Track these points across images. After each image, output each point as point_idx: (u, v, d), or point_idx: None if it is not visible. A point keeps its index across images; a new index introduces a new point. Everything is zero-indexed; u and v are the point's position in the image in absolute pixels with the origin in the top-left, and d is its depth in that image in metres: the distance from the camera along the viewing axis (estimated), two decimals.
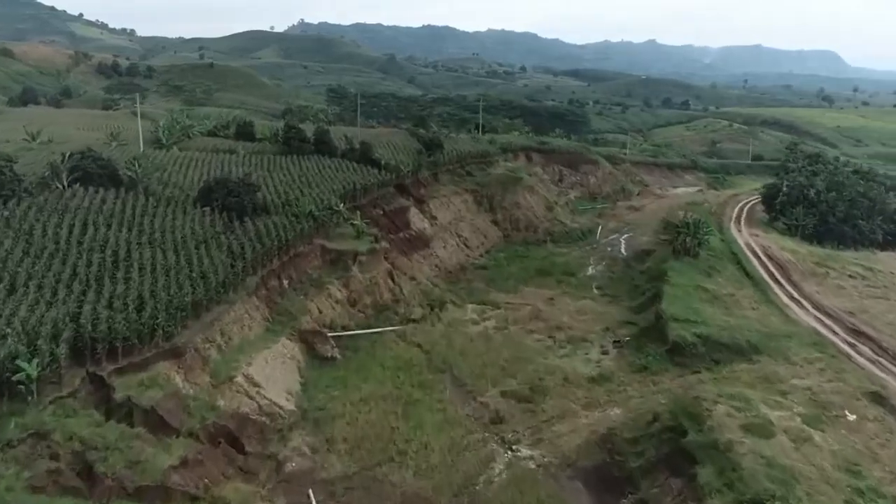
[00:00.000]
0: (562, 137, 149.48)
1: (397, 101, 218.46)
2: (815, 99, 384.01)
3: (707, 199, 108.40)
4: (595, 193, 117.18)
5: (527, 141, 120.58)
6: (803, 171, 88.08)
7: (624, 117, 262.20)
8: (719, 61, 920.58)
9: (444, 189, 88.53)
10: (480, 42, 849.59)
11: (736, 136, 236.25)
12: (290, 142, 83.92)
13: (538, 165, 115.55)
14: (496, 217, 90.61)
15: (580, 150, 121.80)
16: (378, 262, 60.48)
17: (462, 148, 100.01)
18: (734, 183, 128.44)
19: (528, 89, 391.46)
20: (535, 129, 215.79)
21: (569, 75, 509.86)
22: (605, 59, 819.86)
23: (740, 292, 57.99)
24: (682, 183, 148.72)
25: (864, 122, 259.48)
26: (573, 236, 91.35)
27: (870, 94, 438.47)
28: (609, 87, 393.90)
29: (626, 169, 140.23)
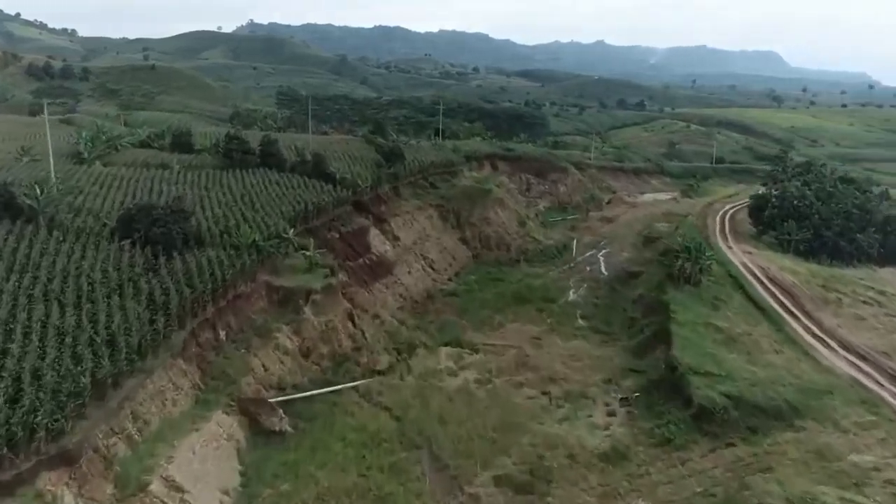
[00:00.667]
0: (526, 143, 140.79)
1: (351, 103, 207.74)
2: (764, 99, 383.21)
3: (686, 210, 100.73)
4: (565, 203, 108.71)
5: (491, 147, 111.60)
6: (793, 181, 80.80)
7: (581, 119, 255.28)
8: (665, 61, 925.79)
9: (407, 205, 78.89)
10: (432, 43, 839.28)
11: (693, 137, 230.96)
12: (232, 154, 73.35)
13: (504, 174, 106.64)
14: (464, 234, 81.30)
15: (548, 156, 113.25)
16: (335, 301, 50.51)
17: (424, 157, 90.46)
18: (707, 190, 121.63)
19: (482, 90, 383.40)
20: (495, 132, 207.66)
21: (521, 76, 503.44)
22: (555, 59, 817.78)
23: (756, 329, 49.64)
24: (650, 189, 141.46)
25: (817, 122, 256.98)
26: (548, 254, 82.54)
27: (812, 94, 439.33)
28: (562, 88, 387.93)
29: (592, 175, 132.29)
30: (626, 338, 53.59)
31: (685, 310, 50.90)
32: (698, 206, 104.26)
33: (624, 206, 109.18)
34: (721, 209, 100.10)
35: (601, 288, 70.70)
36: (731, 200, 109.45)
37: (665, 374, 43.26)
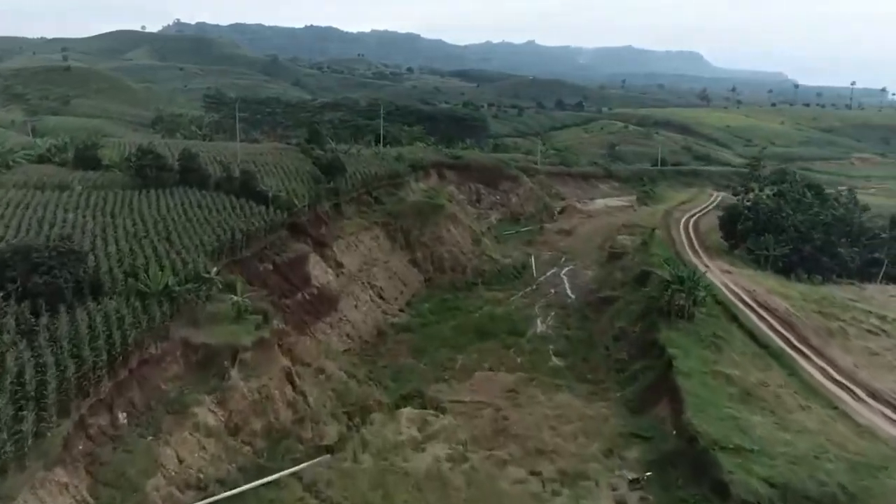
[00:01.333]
0: (471, 148, 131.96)
1: (283, 106, 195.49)
2: (693, 98, 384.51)
3: (645, 219, 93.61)
4: (517, 214, 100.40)
5: (437, 155, 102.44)
6: (765, 191, 74.02)
7: (521, 120, 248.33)
8: (594, 61, 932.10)
9: (350, 224, 69.16)
10: (364, 43, 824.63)
11: (632, 137, 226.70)
12: (146, 171, 62.30)
13: (452, 184, 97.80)
14: (415, 256, 72.03)
15: (498, 164, 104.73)
16: (270, 358, 40.50)
17: (366, 168, 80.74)
18: (661, 195, 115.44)
19: (417, 91, 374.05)
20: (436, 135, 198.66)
21: (455, 76, 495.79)
22: (486, 59, 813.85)
23: (769, 376, 41.89)
24: (599, 194, 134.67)
25: (750, 122, 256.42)
26: (506, 275, 73.99)
27: (739, 93, 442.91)
28: (498, 88, 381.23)
29: (541, 181, 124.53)
30: (617, 386, 45.20)
31: (686, 354, 42.81)
32: (657, 214, 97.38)
33: (579, 215, 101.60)
34: (682, 218, 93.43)
35: (571, 316, 62.48)
36: (688, 207, 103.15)
37: (680, 445, 34.93)
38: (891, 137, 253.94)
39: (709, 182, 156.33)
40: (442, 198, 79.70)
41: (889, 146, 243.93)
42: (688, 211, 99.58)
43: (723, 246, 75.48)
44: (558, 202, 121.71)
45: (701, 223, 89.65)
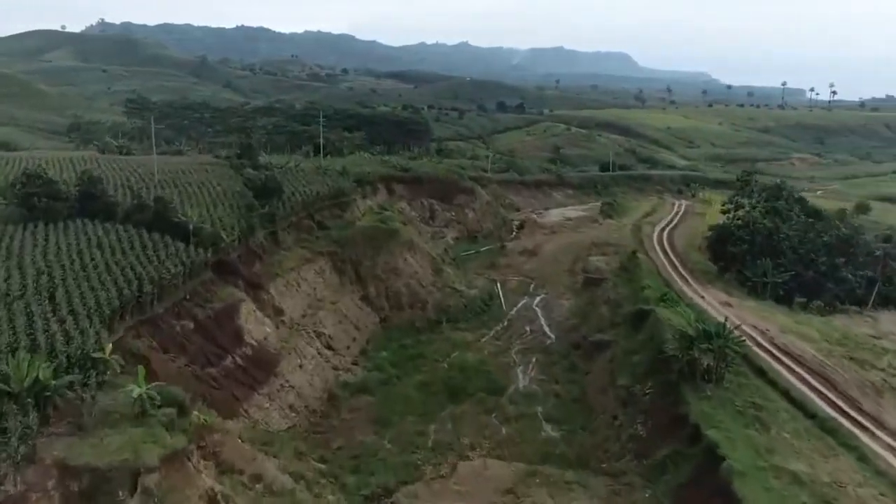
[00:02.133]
0: (421, 157, 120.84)
1: (213, 112, 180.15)
2: (629, 99, 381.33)
3: (614, 234, 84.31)
4: (475, 231, 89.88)
5: (385, 168, 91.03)
6: (758, 208, 65.24)
7: (462, 123, 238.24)
8: (527, 62, 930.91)
9: (291, 257, 57.53)
10: (297, 44, 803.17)
11: (576, 139, 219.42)
12: (33, 201, 49.49)
13: (403, 200, 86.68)
14: (368, 291, 60.78)
15: (452, 177, 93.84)
16: (185, 480, 28.80)
17: (307, 187, 69.12)
18: (623, 206, 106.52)
19: (354, 93, 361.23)
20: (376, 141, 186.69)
21: (392, 77, 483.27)
22: (421, 60, 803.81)
23: (838, 467, 32.39)
24: (553, 203, 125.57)
25: (690, 123, 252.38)
26: (473, 308, 63.41)
27: (670, 92, 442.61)
28: (436, 90, 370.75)
29: (493, 191, 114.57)
30: (641, 479, 34.94)
31: (730, 439, 32.96)
32: (624, 229, 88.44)
33: (540, 231, 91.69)
34: (653, 234, 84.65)
35: (556, 364, 52.40)
36: (654, 220, 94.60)
37: None
38: (824, 137, 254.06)
39: (660, 187, 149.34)
40: (396, 220, 68.50)
41: (824, 146, 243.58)
42: (655, 224, 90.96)
43: (710, 269, 66.59)
44: (514, 214, 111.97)
45: (675, 240, 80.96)
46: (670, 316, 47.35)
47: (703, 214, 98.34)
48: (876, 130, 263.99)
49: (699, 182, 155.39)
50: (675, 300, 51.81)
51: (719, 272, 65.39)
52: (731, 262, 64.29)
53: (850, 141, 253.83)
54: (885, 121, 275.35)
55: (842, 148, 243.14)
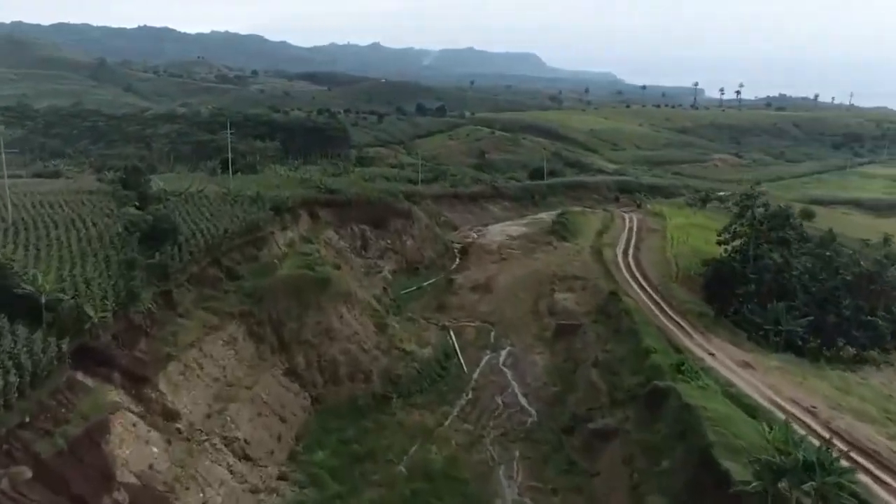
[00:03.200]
0: (346, 173, 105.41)
1: (107, 119, 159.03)
2: (545, 100, 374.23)
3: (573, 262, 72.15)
4: (415, 262, 76.11)
5: (306, 189, 75.92)
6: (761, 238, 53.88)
7: (381, 127, 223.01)
8: (438, 63, 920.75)
9: (190, 326, 42.37)
10: (204, 44, 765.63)
11: (500, 143, 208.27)
12: None
13: (331, 227, 72.05)
14: (294, 363, 46.17)
15: (385, 198, 79.38)
16: None
17: (212, 222, 53.99)
18: (577, 225, 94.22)
19: (265, 96, 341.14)
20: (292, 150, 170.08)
21: (304, 79, 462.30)
22: (333, 61, 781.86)
23: None
24: (491, 217, 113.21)
25: (611, 125, 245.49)
26: (428, 374, 49.74)
27: (573, 92, 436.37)
28: (350, 92, 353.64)
29: (427, 208, 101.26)
30: None
31: None
32: (583, 253, 76.66)
33: (488, 258, 78.61)
34: (617, 258, 73.28)
35: (548, 461, 39.48)
36: (611, 240, 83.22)
37: None
38: (739, 137, 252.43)
39: (597, 195, 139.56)
40: (327, 264, 53.88)
41: (740, 146, 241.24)
42: (615, 245, 79.72)
43: (703, 311, 55.18)
44: (451, 234, 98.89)
45: (646, 268, 69.68)
46: (701, 401, 35.31)
47: (659, 231, 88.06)
48: (786, 130, 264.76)
49: (633, 188, 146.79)
50: (696, 372, 39.79)
51: (715, 314, 54.04)
52: (728, 302, 53.18)
53: (763, 140, 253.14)
54: (792, 120, 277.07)
55: (756, 147, 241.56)
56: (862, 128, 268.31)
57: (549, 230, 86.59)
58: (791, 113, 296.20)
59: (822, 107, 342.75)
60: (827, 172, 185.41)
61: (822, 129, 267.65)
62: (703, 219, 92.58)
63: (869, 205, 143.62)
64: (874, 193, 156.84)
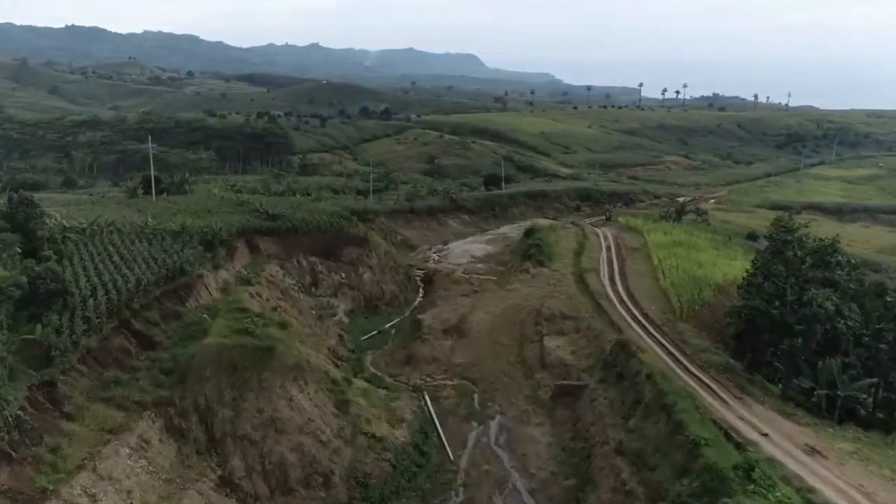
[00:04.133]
0: (292, 195, 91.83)
1: (20, 126, 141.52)
2: (489, 101, 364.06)
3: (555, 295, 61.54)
4: (374, 298, 64.36)
5: (244, 214, 63.25)
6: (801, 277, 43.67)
7: (325, 132, 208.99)
8: (379, 63, 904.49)
9: (79, 435, 30.06)
10: (137, 45, 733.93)
11: (450, 148, 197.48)
12: None
13: (274, 261, 59.71)
14: (229, 468, 34.07)
15: (338, 223, 66.90)
16: None
17: (122, 271, 41.48)
18: (550, 245, 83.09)
19: (201, 98, 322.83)
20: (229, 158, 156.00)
21: (242, 80, 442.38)
22: (271, 62, 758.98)
23: None
24: (450, 232, 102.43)
25: (561, 127, 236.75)
26: (405, 469, 38.10)
27: (515, 93, 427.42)
28: (291, 94, 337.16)
29: (382, 226, 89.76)
30: None
31: None
32: (565, 281, 66.35)
33: (457, 290, 67.22)
34: (606, 290, 63.14)
35: None
36: (594, 263, 73.21)
37: None
38: (687, 138, 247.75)
39: (559, 204, 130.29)
40: (272, 325, 41.67)
41: (688, 147, 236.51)
42: (598, 270, 69.79)
43: (729, 364, 45.18)
44: (409, 255, 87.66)
45: (640, 300, 59.77)
46: None
47: (641, 251, 78.58)
48: (730, 130, 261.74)
49: (594, 196, 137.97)
50: (770, 480, 29.56)
51: (746, 371, 44.15)
52: (762, 356, 43.45)
53: (709, 141, 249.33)
54: (736, 121, 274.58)
55: (703, 148, 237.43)
56: (803, 128, 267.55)
57: (523, 253, 75.99)
58: (734, 113, 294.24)
59: (760, 107, 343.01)
60: (780, 175, 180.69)
61: (764, 129, 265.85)
62: (685, 235, 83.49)
63: (831, 209, 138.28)
64: (832, 196, 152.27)
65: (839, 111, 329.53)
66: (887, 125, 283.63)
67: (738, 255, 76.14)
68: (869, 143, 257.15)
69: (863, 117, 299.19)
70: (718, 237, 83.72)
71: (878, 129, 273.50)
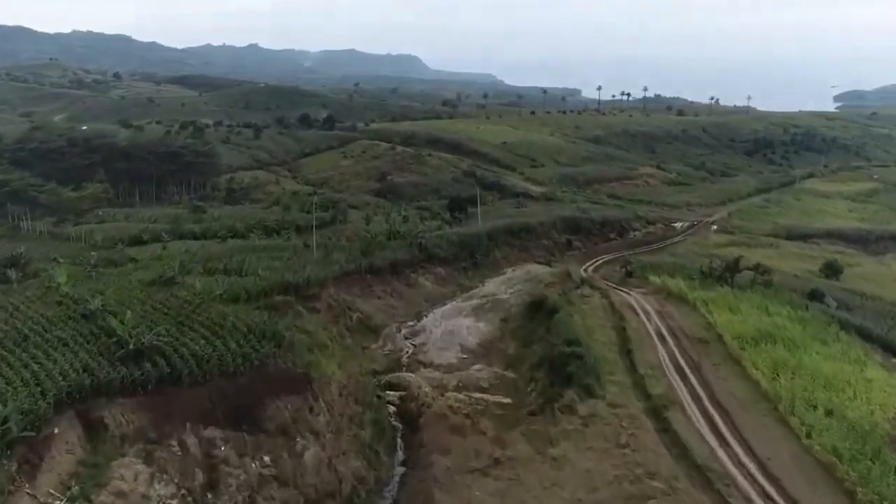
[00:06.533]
0: (211, 237, 60.57)
1: None
2: (436, 104, 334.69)
3: None
4: (324, 496, 35.60)
5: (83, 353, 33.89)
6: None
7: (259, 144, 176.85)
8: (319, 65, 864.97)
9: None
10: (65, 45, 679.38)
11: (403, 162, 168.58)
12: None
13: (135, 446, 30.42)
14: None
15: (255, 355, 37.55)
16: None
17: None
18: (584, 341, 55.69)
19: (126, 103, 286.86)
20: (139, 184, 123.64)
21: (174, 82, 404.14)
22: (207, 63, 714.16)
23: None
24: (421, 297, 74.15)
25: (522, 135, 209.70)
26: None
27: (461, 94, 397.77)
28: (225, 97, 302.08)
29: (332, 300, 60.88)
30: None
31: None
32: (641, 438, 39.02)
33: (459, 448, 39.36)
34: (730, 468, 36.22)
35: None
36: (662, 386, 46.28)
37: None
38: (653, 145, 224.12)
39: (547, 241, 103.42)
40: None
41: (656, 155, 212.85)
42: (681, 406, 42.76)
43: None
44: (372, 346, 59.09)
45: (788, 486, 32.92)
46: None
47: (713, 346, 52.09)
48: (697, 136, 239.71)
49: (584, 226, 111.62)
50: None
51: None
52: None
53: (677, 149, 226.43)
54: (701, 125, 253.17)
55: (672, 156, 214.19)
56: (769, 133, 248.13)
57: (553, 367, 48.00)
58: (697, 118, 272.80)
59: (717, 110, 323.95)
60: (773, 191, 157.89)
61: (731, 135, 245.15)
62: (764, 315, 57.14)
63: (853, 237, 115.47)
64: (842, 218, 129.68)
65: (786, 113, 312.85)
66: (850, 129, 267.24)
67: (860, 354, 50.31)
68: (836, 148, 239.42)
69: (823, 121, 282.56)
70: (808, 316, 57.62)
71: (843, 134, 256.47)
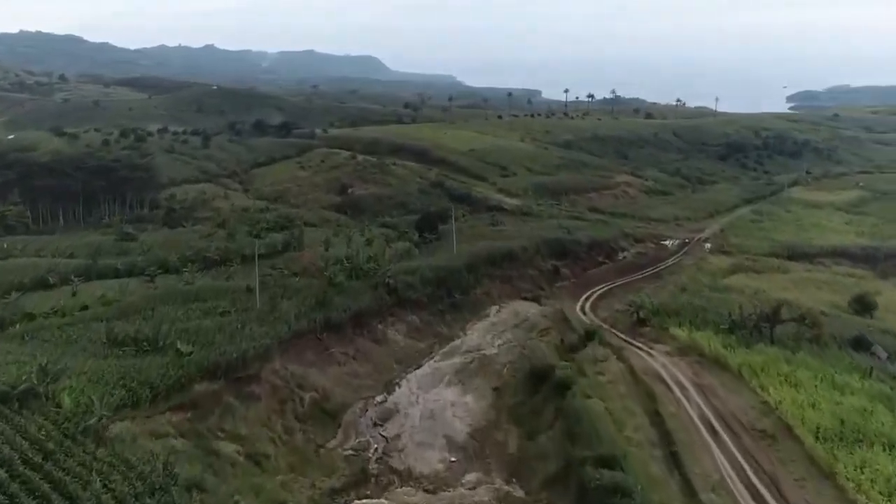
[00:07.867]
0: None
1: None
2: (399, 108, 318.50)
3: None
4: None
5: None
6: None
7: (208, 154, 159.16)
8: (277, 66, 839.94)
9: None
10: (9, 46, 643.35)
11: (365, 172, 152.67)
12: None
13: None
14: None
15: None
16: None
17: None
18: (612, 443, 42.39)
19: (69, 106, 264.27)
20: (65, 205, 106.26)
21: (125, 84, 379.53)
22: (162, 64, 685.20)
23: None
24: (391, 357, 59.37)
25: (491, 141, 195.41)
26: None
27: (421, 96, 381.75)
28: (175, 100, 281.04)
29: (278, 378, 45.79)
30: None
31: None
32: None
33: None
34: None
35: None
36: None
37: None
38: (625, 150, 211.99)
39: (534, 271, 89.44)
40: None
41: (628, 161, 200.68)
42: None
43: None
44: (327, 445, 44.19)
45: None
46: None
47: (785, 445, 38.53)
48: (668, 140, 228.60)
49: (569, 248, 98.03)
50: None
51: None
52: None
53: (649, 153, 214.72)
54: (671, 129, 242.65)
55: (645, 162, 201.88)
56: (741, 136, 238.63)
57: (576, 500, 33.77)
58: (667, 121, 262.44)
59: (683, 112, 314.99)
60: (760, 201, 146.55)
61: (703, 138, 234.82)
62: (830, 388, 43.94)
63: (858, 255, 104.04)
64: (838, 232, 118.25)
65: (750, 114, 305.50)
66: (820, 131, 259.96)
67: None
68: (808, 151, 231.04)
69: (789, 123, 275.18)
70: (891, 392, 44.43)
71: (814, 136, 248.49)
